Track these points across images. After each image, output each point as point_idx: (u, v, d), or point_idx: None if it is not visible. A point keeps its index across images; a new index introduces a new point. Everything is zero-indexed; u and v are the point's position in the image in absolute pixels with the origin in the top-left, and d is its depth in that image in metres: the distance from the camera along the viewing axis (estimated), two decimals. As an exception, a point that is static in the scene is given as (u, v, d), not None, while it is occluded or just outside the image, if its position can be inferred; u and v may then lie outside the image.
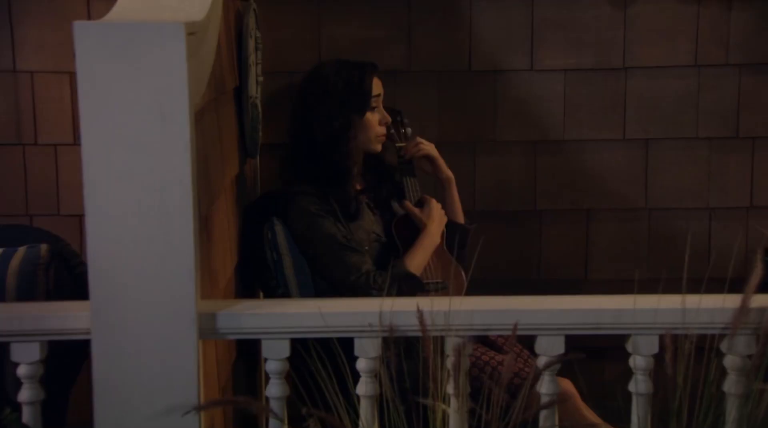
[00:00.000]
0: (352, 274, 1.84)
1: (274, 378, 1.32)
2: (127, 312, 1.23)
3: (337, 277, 1.87)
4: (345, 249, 1.87)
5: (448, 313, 1.25)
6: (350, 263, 1.85)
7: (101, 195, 1.21)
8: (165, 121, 1.20)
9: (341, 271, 1.86)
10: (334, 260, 1.87)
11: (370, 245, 1.96)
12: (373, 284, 1.82)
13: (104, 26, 1.19)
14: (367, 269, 1.85)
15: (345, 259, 1.86)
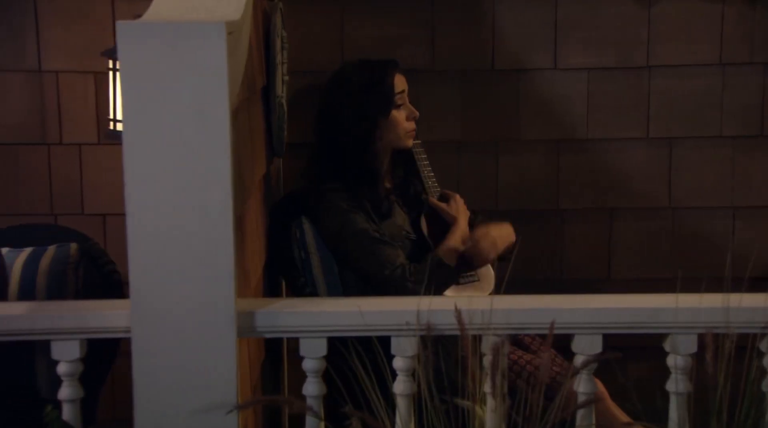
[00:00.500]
0: (386, 268, 1.83)
1: (311, 376, 1.33)
2: (167, 311, 1.24)
3: (371, 272, 1.86)
4: (378, 243, 1.86)
5: (485, 312, 1.25)
6: (384, 258, 1.85)
7: (142, 194, 1.22)
8: (205, 120, 1.21)
9: (375, 266, 1.85)
10: (367, 256, 1.86)
11: (402, 242, 1.96)
12: (409, 277, 1.81)
13: (147, 26, 1.19)
14: (401, 263, 1.85)
15: (378, 253, 1.85)
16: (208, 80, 1.20)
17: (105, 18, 2.34)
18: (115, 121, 2.04)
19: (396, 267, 1.83)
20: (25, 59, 2.32)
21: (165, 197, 1.22)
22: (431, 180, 2.09)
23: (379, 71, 1.93)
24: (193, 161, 1.21)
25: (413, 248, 1.99)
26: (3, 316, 1.26)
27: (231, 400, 1.26)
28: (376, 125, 1.92)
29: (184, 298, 1.24)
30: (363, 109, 1.91)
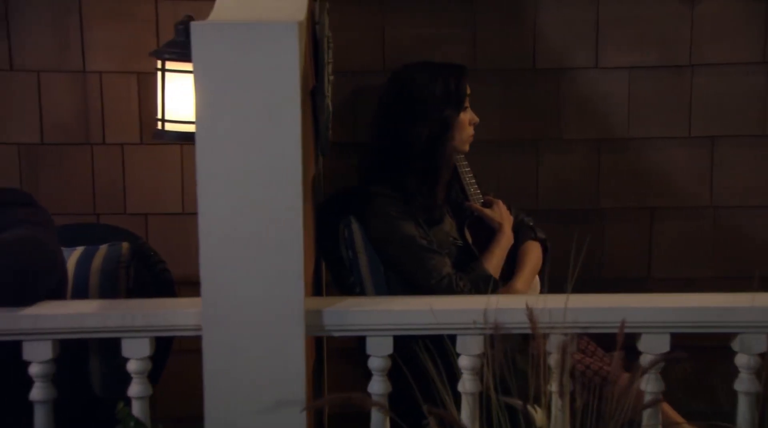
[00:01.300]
0: (433, 277, 1.85)
1: (378, 375, 1.33)
2: (237, 309, 1.25)
3: (418, 280, 1.87)
4: (425, 252, 1.88)
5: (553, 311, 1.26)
6: (430, 267, 1.86)
7: (213, 193, 1.23)
8: (277, 119, 1.21)
9: (422, 274, 1.86)
10: (414, 263, 1.88)
11: (449, 249, 1.96)
12: (455, 287, 1.83)
13: (220, 26, 1.20)
14: (447, 272, 1.86)
15: (425, 262, 1.87)
16: (281, 80, 1.20)
17: (148, 18, 2.35)
18: (164, 121, 2.05)
19: (443, 277, 1.84)
20: (69, 60, 2.34)
21: (236, 196, 1.23)
22: (473, 187, 2.11)
23: (455, 74, 1.95)
24: (265, 161, 1.22)
25: (459, 255, 2.00)
26: (76, 314, 1.28)
27: (300, 398, 1.27)
28: (449, 125, 1.93)
29: (254, 296, 1.25)
30: (438, 108, 1.92)
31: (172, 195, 2.44)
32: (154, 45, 2.36)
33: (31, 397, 1.33)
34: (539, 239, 2.09)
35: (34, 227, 1.43)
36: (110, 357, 1.81)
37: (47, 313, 1.27)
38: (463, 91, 1.99)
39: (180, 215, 2.45)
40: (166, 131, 2.05)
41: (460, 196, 2.11)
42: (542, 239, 2.11)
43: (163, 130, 2.05)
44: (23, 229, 1.39)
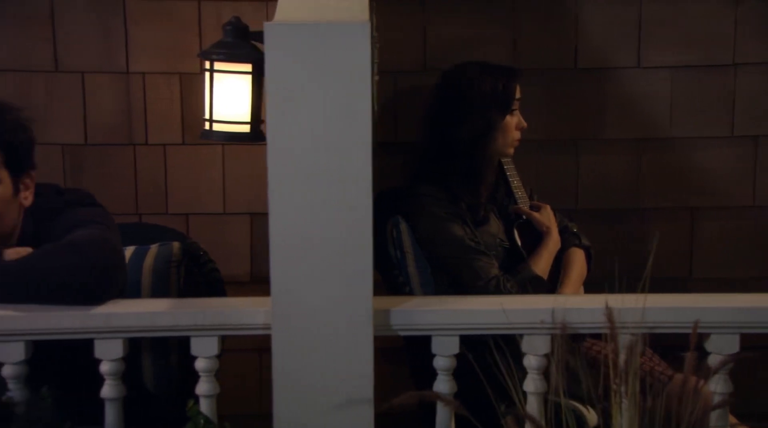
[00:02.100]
0: (480, 279, 1.85)
1: (443, 374, 1.34)
2: (307, 308, 1.25)
3: (465, 281, 1.87)
4: (473, 253, 1.88)
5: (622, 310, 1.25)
6: (478, 268, 1.86)
7: (284, 192, 1.23)
8: (348, 119, 1.22)
9: (469, 275, 1.86)
10: (461, 265, 1.88)
11: (496, 251, 1.96)
12: (503, 289, 1.83)
13: (293, 26, 1.21)
14: (495, 274, 1.86)
15: (473, 263, 1.87)
16: (352, 79, 1.21)
17: (191, 19, 2.37)
18: (211, 121, 2.06)
19: (490, 279, 1.84)
20: (113, 61, 2.36)
21: (306, 196, 1.24)
22: (520, 191, 2.11)
23: (505, 75, 1.95)
24: (336, 160, 1.23)
25: (506, 257, 2.00)
26: (148, 312, 1.29)
27: (368, 396, 1.27)
28: (492, 126, 1.93)
29: (323, 296, 1.25)
30: (484, 107, 1.93)
31: (213, 195, 2.45)
32: (196, 46, 2.38)
33: (102, 394, 1.35)
34: (584, 247, 2.09)
35: (101, 226, 1.45)
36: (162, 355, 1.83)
37: (119, 311, 1.28)
38: (511, 93, 1.99)
39: (221, 215, 2.46)
40: (214, 131, 2.06)
41: (506, 199, 2.11)
42: (587, 246, 2.10)
43: (211, 130, 2.07)
44: (92, 229, 1.40)
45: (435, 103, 2.01)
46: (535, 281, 1.89)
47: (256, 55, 2.04)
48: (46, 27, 2.32)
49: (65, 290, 1.28)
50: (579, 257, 2.04)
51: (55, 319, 1.26)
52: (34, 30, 2.31)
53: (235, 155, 2.45)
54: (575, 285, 1.98)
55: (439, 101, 2.01)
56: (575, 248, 2.05)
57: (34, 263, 1.30)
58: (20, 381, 1.29)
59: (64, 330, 1.28)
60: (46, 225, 1.47)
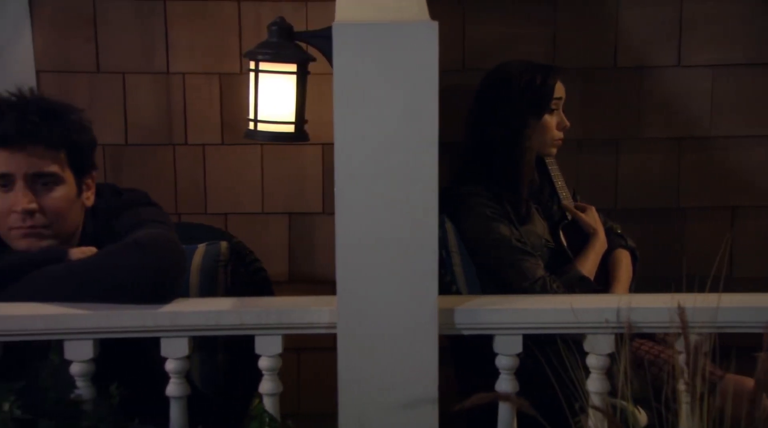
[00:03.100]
0: (526, 280, 1.84)
1: (506, 373, 1.34)
2: (372, 307, 1.26)
3: (511, 281, 1.87)
4: (519, 253, 1.87)
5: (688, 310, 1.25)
6: (524, 268, 1.86)
7: (351, 192, 1.24)
8: (416, 119, 1.22)
9: (516, 276, 1.86)
10: (508, 265, 1.88)
11: (541, 251, 1.96)
12: (549, 290, 1.82)
13: (361, 26, 1.21)
14: (541, 275, 1.86)
15: (519, 264, 1.86)
16: (420, 79, 1.21)
17: (231, 20, 2.38)
18: (256, 121, 2.06)
19: (536, 279, 1.84)
20: (154, 61, 2.37)
21: (373, 195, 1.24)
22: (564, 191, 2.10)
23: (543, 73, 1.94)
24: (402, 160, 1.23)
25: (551, 257, 2.00)
26: (213, 311, 1.29)
27: (432, 396, 1.28)
28: (527, 123, 1.93)
29: (389, 295, 1.26)
30: (518, 105, 1.92)
31: (251, 195, 2.46)
32: (236, 46, 2.39)
33: (167, 392, 1.35)
34: (629, 248, 2.08)
35: (162, 226, 1.46)
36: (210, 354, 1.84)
37: (185, 310, 1.29)
38: (549, 91, 1.98)
39: (260, 214, 2.47)
40: (258, 131, 2.07)
41: (550, 200, 2.11)
42: (632, 247, 2.10)
43: (256, 130, 2.07)
44: (155, 228, 1.41)
45: (475, 102, 2.02)
46: (583, 283, 1.89)
47: (301, 55, 2.05)
48: (89, 28, 2.34)
49: (133, 290, 1.29)
50: (625, 259, 2.03)
51: (123, 318, 1.27)
52: (76, 31, 2.33)
53: (274, 155, 2.46)
54: (624, 287, 1.98)
55: (479, 99, 2.01)
56: (621, 250, 2.05)
57: (102, 262, 1.31)
58: (87, 379, 1.30)
59: (132, 328, 1.29)
60: (107, 225, 1.48)
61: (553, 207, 2.08)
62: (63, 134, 1.40)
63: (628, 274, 2.03)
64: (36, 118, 1.36)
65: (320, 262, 2.52)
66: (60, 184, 1.41)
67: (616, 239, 2.07)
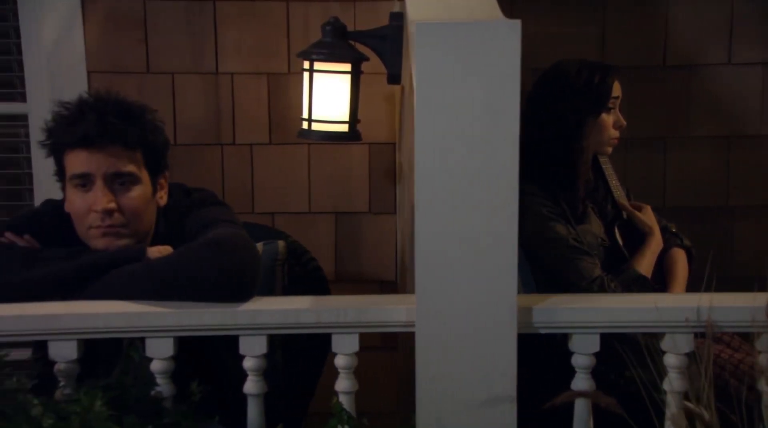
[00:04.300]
0: (584, 279, 1.83)
1: (582, 372, 1.34)
2: (451, 305, 1.26)
3: (568, 281, 1.86)
4: (576, 253, 1.86)
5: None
6: (581, 268, 1.84)
7: (430, 190, 1.24)
8: (496, 117, 1.22)
9: (573, 275, 1.85)
10: (564, 265, 1.87)
11: (597, 250, 1.95)
12: (607, 290, 1.81)
13: (443, 26, 1.21)
14: (598, 274, 1.85)
15: (576, 263, 1.85)
16: (502, 79, 1.21)
17: (279, 20, 2.39)
18: (310, 120, 2.07)
19: (594, 279, 1.83)
20: (203, 62, 2.39)
21: (453, 193, 1.24)
22: (618, 191, 2.09)
23: (601, 71, 1.93)
24: (483, 159, 1.23)
25: (606, 256, 1.99)
26: (292, 310, 1.30)
27: (511, 394, 1.27)
28: (584, 122, 1.91)
29: (468, 293, 1.25)
30: (576, 103, 1.91)
31: (298, 194, 2.47)
32: (284, 46, 2.40)
33: (245, 390, 1.36)
34: (685, 247, 2.07)
35: (235, 225, 1.47)
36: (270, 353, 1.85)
37: (264, 309, 1.30)
38: (607, 90, 1.96)
39: (307, 214, 2.49)
40: (312, 131, 2.08)
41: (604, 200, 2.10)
42: (688, 247, 2.08)
43: (310, 129, 2.08)
44: (229, 227, 1.42)
45: (530, 101, 2.01)
46: (641, 282, 1.88)
47: (355, 54, 2.05)
48: (139, 29, 2.36)
49: (212, 289, 1.29)
50: (682, 258, 2.02)
51: (203, 316, 1.28)
52: (127, 32, 2.35)
53: (321, 155, 2.47)
54: (682, 286, 1.96)
55: (534, 98, 2.00)
56: (677, 249, 2.03)
57: (182, 261, 1.31)
58: (167, 376, 1.31)
59: (212, 326, 1.29)
60: (178, 224, 1.49)
61: (607, 206, 2.07)
62: (140, 134, 1.42)
63: (685, 273, 2.02)
64: (115, 119, 1.38)
65: (366, 261, 2.53)
66: (137, 184, 1.42)
67: (671, 238, 2.06)
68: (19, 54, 2.38)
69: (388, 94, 2.41)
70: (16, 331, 1.26)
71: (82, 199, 1.39)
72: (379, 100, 2.39)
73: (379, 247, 2.51)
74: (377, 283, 2.52)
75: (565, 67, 1.99)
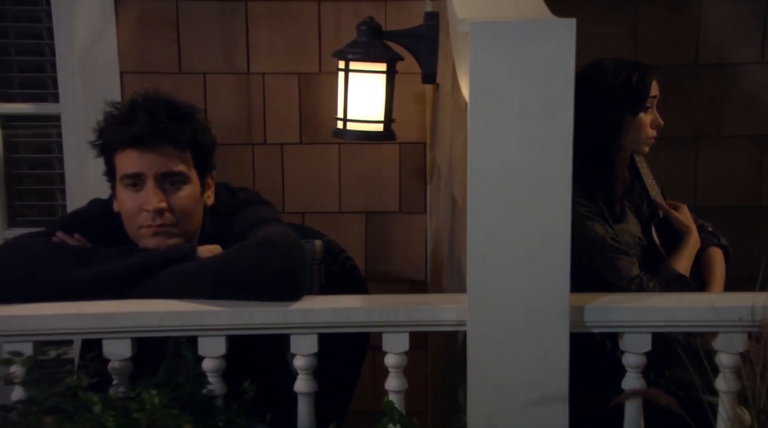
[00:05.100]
0: (622, 279, 1.82)
1: (633, 371, 1.33)
2: (503, 305, 1.25)
3: (607, 280, 1.85)
4: (615, 252, 1.86)
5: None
6: (620, 267, 1.84)
7: (483, 189, 1.23)
8: (550, 116, 1.22)
9: (611, 275, 1.84)
10: (603, 263, 1.86)
11: (635, 250, 1.95)
12: (645, 289, 1.81)
13: (498, 25, 1.21)
14: (636, 273, 1.84)
15: (614, 263, 1.84)
16: (557, 78, 1.21)
17: (311, 20, 2.39)
18: (345, 120, 2.07)
19: (633, 278, 1.82)
20: (234, 62, 2.40)
21: (506, 192, 1.24)
22: (654, 190, 2.08)
23: (640, 71, 1.92)
24: (537, 158, 1.23)
25: (643, 256, 1.98)
26: (344, 309, 1.30)
27: (563, 393, 1.27)
28: (622, 121, 1.91)
29: (519, 292, 1.25)
30: (615, 102, 1.90)
31: (329, 194, 2.48)
32: (315, 46, 2.41)
33: (295, 389, 1.37)
34: (722, 246, 2.06)
35: (283, 224, 1.47)
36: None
37: (316, 307, 1.30)
38: (646, 90, 1.96)
39: (337, 213, 2.49)
40: (348, 130, 2.08)
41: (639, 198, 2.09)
42: (725, 246, 2.07)
43: (345, 129, 2.08)
44: (277, 226, 1.42)
45: None
46: (679, 281, 1.87)
47: (391, 54, 2.05)
48: (171, 30, 2.37)
49: (265, 287, 1.30)
50: (719, 257, 2.01)
51: (255, 315, 1.28)
52: (159, 33, 2.36)
53: (351, 155, 2.47)
54: (720, 286, 1.95)
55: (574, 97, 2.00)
56: (714, 248, 2.02)
57: (234, 260, 1.32)
58: (219, 375, 1.31)
59: (263, 325, 1.30)
60: (225, 223, 1.50)
61: (643, 206, 2.07)
62: (190, 134, 1.42)
63: (723, 273, 2.01)
64: (166, 118, 1.38)
65: (396, 261, 2.53)
66: (187, 183, 1.43)
67: (708, 238, 2.05)
68: (51, 55, 2.40)
69: (419, 93, 2.41)
70: (74, 329, 1.26)
71: (133, 199, 1.40)
72: (409, 99, 2.39)
73: (408, 247, 2.51)
74: (407, 283, 2.52)
75: (602, 66, 1.99)
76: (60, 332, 1.26)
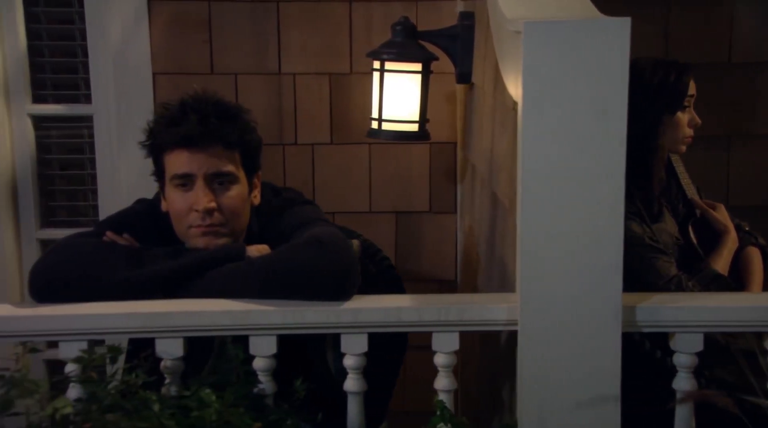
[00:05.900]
0: (661, 278, 1.82)
1: (684, 372, 1.33)
2: (555, 304, 1.25)
3: (645, 280, 1.84)
4: (653, 252, 1.85)
5: None
6: (658, 267, 1.83)
7: (535, 188, 1.24)
8: (604, 115, 1.22)
9: (649, 275, 1.83)
10: (641, 263, 1.85)
11: (673, 249, 1.94)
12: (684, 289, 1.80)
13: (551, 24, 1.21)
14: (675, 273, 1.83)
15: (653, 262, 1.84)
16: (611, 78, 1.21)
17: (342, 21, 2.40)
18: (380, 120, 2.08)
19: (671, 278, 1.81)
20: (266, 62, 2.41)
21: (559, 191, 1.23)
22: (690, 189, 2.08)
23: (677, 70, 1.92)
24: (590, 158, 1.23)
25: (681, 255, 1.98)
26: (394, 308, 1.30)
27: (615, 393, 1.27)
28: (660, 120, 1.90)
29: (572, 291, 1.25)
30: (652, 101, 1.90)
31: (359, 194, 2.48)
32: (346, 46, 2.41)
33: (345, 388, 1.37)
34: (760, 246, 2.05)
35: (329, 224, 1.47)
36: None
37: (367, 307, 1.30)
38: (683, 88, 1.95)
39: (367, 213, 2.49)
40: (382, 130, 2.08)
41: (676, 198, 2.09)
42: (762, 245, 2.06)
43: (380, 129, 2.09)
44: (325, 226, 1.43)
45: None
46: (719, 281, 1.86)
47: (426, 54, 2.06)
48: (204, 31, 2.38)
49: (316, 287, 1.30)
50: (757, 257, 2.00)
51: (306, 314, 1.29)
52: (192, 34, 2.37)
53: (382, 155, 2.47)
54: (759, 285, 1.94)
55: None
56: (752, 248, 2.01)
57: (285, 259, 1.32)
58: (269, 374, 1.32)
59: (314, 324, 1.30)
60: (270, 223, 1.50)
61: (679, 205, 2.06)
62: (238, 134, 1.43)
63: (761, 272, 2.00)
64: (216, 119, 1.39)
65: (426, 261, 2.53)
66: (235, 183, 1.43)
67: (745, 237, 2.04)
68: (84, 56, 2.42)
69: (449, 93, 2.41)
70: (127, 328, 1.27)
71: (182, 198, 1.40)
72: (441, 99, 2.39)
73: (439, 246, 2.51)
74: (437, 282, 2.52)
75: (639, 65, 1.98)
76: (114, 330, 1.27)
